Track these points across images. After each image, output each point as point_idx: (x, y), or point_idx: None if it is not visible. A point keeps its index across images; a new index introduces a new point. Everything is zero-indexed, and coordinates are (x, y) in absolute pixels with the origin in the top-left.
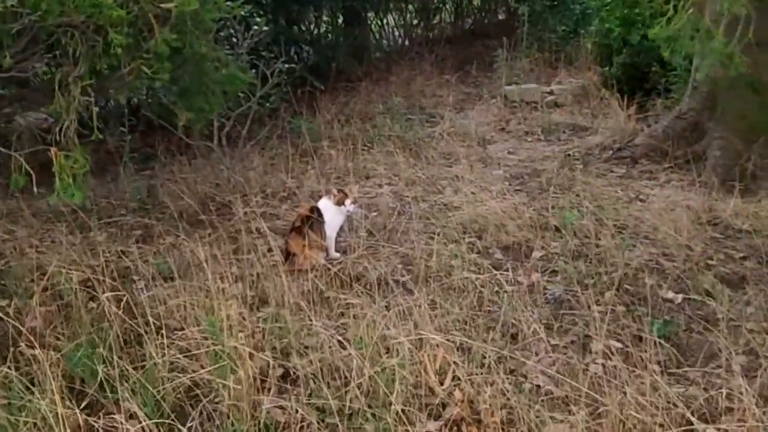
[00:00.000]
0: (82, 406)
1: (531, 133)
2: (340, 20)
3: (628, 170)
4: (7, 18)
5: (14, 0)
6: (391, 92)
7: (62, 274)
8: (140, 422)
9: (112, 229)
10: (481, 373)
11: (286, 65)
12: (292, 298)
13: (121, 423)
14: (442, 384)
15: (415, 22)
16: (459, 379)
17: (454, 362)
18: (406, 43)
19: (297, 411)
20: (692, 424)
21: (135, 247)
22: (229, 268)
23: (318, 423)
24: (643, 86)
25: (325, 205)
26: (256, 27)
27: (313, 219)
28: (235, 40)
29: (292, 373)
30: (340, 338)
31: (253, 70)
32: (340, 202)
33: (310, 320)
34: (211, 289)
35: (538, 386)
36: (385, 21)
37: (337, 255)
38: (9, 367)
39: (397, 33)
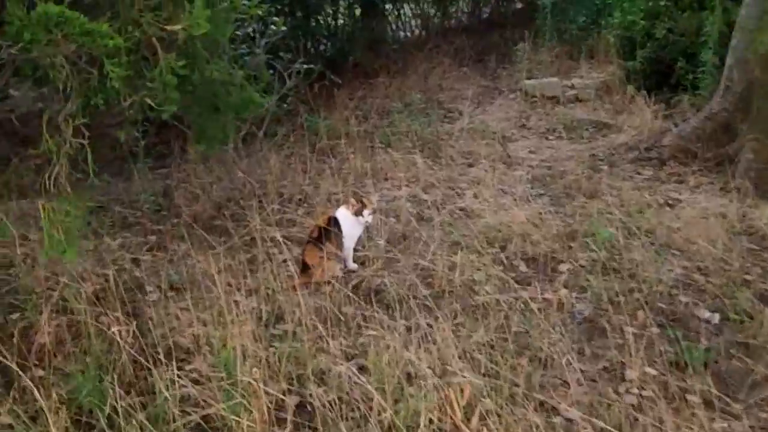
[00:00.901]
0: None
1: (552, 131)
2: (357, 12)
3: (655, 172)
4: None
5: None
6: (409, 86)
7: (72, 288)
8: None
9: (126, 234)
10: (510, 408)
11: (305, 66)
12: (309, 319)
13: None
14: (468, 421)
15: (432, 12)
16: (486, 416)
17: (481, 397)
18: (423, 33)
19: None
20: None
21: (149, 255)
22: (243, 280)
23: None
24: (668, 81)
25: (343, 215)
26: (273, 27)
27: (331, 230)
28: (252, 36)
29: (308, 405)
30: (359, 367)
31: (271, 71)
32: (358, 213)
33: (327, 343)
34: (224, 306)
35: (571, 420)
36: (401, 11)
37: (355, 266)
38: (15, 397)
39: (413, 23)
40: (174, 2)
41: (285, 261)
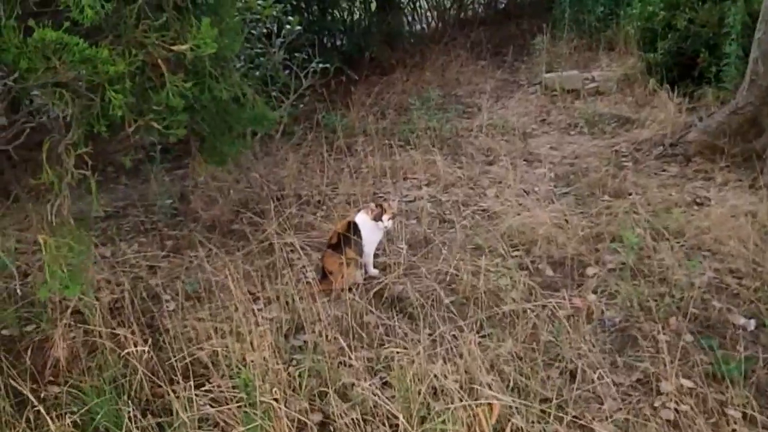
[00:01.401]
0: None
1: (574, 126)
2: (373, 6)
3: (681, 169)
4: None
5: None
6: (426, 81)
7: (87, 299)
8: None
9: (142, 240)
10: (542, 426)
11: (320, 65)
12: (330, 332)
13: None
14: None
15: (447, 4)
16: None
17: (511, 414)
18: (440, 26)
19: None
20: None
21: (165, 262)
22: (261, 287)
23: None
24: (691, 74)
25: (363, 220)
26: (288, 26)
27: (350, 236)
28: (268, 35)
29: (331, 426)
30: (383, 382)
31: (287, 71)
32: (377, 218)
33: (349, 357)
34: (241, 317)
35: None
36: (417, 4)
37: (376, 272)
38: (28, 418)
39: (430, 16)
40: (181, 21)
41: (304, 267)
